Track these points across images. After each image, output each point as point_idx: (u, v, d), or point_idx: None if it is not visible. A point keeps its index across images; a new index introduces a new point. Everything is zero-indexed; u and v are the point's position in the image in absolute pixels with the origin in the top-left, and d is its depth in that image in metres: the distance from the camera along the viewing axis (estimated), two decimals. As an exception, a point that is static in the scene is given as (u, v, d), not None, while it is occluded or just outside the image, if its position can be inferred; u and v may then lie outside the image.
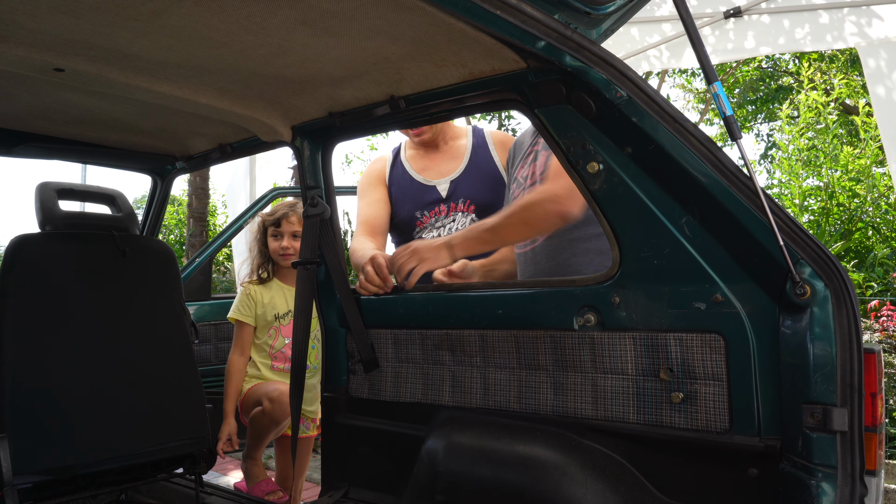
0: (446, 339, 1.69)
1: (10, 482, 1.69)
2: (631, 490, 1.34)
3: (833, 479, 1.09)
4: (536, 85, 1.41)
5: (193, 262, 3.66)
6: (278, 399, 2.51)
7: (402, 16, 1.22)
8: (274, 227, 2.70)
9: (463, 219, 2.27)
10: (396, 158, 2.43)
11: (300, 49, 1.39)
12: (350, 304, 1.85)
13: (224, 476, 3.70)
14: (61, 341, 1.91)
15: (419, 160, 2.39)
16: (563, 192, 1.66)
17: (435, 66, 1.46)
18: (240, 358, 2.67)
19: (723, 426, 1.27)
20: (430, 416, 1.70)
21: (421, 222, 2.32)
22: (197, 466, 2.15)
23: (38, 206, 2.04)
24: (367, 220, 2.32)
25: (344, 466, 1.91)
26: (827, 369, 1.10)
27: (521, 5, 1.15)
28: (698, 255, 1.25)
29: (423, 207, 2.31)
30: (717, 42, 4.19)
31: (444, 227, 2.28)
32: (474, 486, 1.48)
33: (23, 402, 1.80)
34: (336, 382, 1.94)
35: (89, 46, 1.36)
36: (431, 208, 2.30)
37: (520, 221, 1.74)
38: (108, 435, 1.92)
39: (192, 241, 7.39)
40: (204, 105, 1.72)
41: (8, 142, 2.11)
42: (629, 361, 1.39)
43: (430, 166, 2.35)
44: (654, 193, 1.29)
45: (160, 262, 2.20)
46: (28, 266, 1.89)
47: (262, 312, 2.70)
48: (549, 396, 1.51)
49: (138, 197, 17.40)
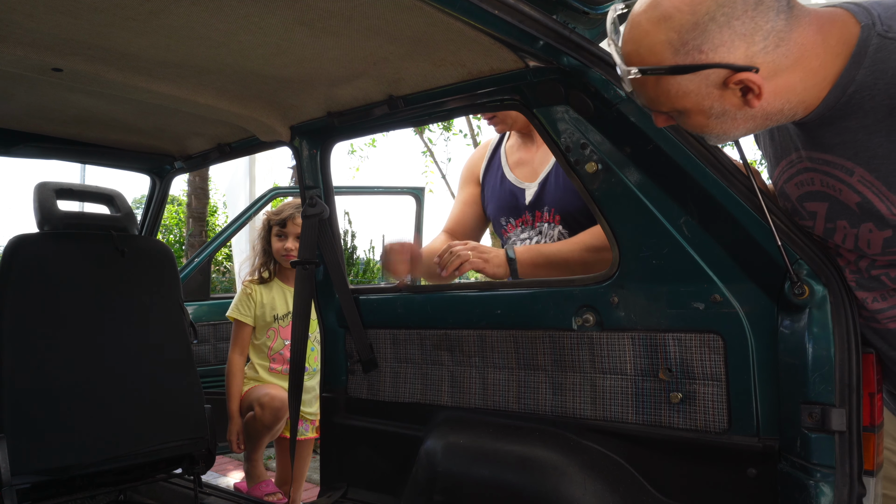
0: (445, 339, 1.69)
1: (9, 482, 1.69)
2: (629, 490, 1.34)
3: (831, 479, 1.09)
4: (535, 85, 1.41)
5: (192, 261, 3.66)
6: (269, 404, 2.51)
7: (401, 15, 1.22)
8: (279, 228, 2.70)
9: (550, 231, 1.87)
10: (497, 149, 2.05)
11: (298, 49, 1.38)
12: (349, 304, 1.85)
13: (223, 476, 3.70)
14: (59, 341, 1.90)
15: (516, 152, 1.99)
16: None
17: (433, 65, 1.46)
18: (240, 357, 2.68)
19: (721, 426, 1.27)
20: (429, 417, 1.70)
21: (506, 230, 1.98)
22: (195, 467, 2.15)
23: (36, 205, 2.04)
24: (448, 222, 2.09)
25: (343, 467, 1.91)
26: (825, 369, 1.10)
27: (520, 5, 1.15)
28: (697, 255, 1.25)
29: (510, 214, 1.95)
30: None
31: (531, 241, 1.91)
32: (473, 486, 1.48)
33: (21, 403, 1.80)
34: (335, 383, 1.94)
35: (87, 46, 1.36)
36: (518, 216, 1.93)
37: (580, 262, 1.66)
38: (107, 435, 1.92)
39: (192, 240, 7.39)
40: (202, 105, 1.71)
41: (6, 141, 2.11)
42: (628, 361, 1.39)
43: (525, 161, 1.95)
44: (653, 193, 1.29)
45: (159, 262, 2.20)
46: (26, 266, 1.89)
47: (261, 313, 2.70)
48: (548, 396, 1.51)
49: (137, 197, 17.40)
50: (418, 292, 1.78)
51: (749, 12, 0.91)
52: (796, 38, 0.95)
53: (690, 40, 0.92)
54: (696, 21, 0.91)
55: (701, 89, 0.96)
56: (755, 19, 0.91)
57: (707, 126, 1.02)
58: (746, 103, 0.96)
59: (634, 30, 0.97)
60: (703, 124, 1.01)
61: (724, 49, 0.92)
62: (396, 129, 1.90)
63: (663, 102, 1.00)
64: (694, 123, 1.02)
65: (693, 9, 0.91)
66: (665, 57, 0.94)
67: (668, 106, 1.01)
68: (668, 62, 0.94)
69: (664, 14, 0.93)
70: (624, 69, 0.99)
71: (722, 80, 0.94)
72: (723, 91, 0.96)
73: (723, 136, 1.04)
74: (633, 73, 0.97)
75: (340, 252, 1.93)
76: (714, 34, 0.92)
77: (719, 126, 1.01)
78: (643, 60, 0.97)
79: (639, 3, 0.98)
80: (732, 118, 0.99)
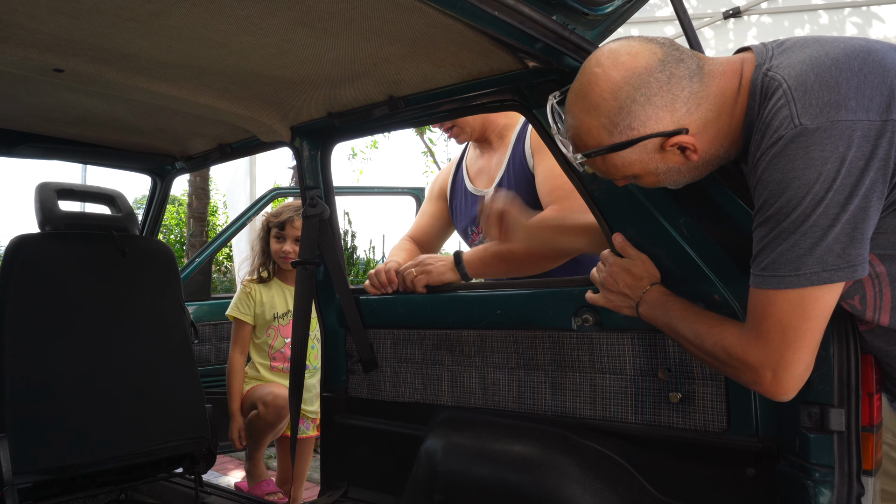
0: (445, 339, 1.69)
1: (10, 482, 1.70)
2: (629, 490, 1.34)
3: (830, 478, 1.09)
4: (535, 85, 1.41)
5: (193, 261, 3.66)
6: (273, 402, 2.52)
7: (401, 17, 1.22)
8: (277, 230, 2.70)
9: None
10: (460, 163, 2.10)
11: (299, 50, 1.39)
12: (349, 304, 1.86)
13: (224, 476, 3.70)
14: (60, 341, 1.91)
15: (475, 162, 2.04)
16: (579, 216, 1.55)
17: (433, 66, 1.46)
18: (240, 356, 2.68)
19: (720, 426, 1.27)
20: (429, 416, 1.71)
21: (472, 239, 2.00)
22: (196, 466, 2.16)
23: (37, 206, 2.05)
24: (413, 229, 2.16)
25: (343, 466, 1.91)
26: (824, 369, 1.10)
27: (519, 6, 1.15)
28: (696, 255, 1.26)
29: (473, 222, 1.97)
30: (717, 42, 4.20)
31: None
32: (473, 485, 1.48)
33: (22, 402, 1.80)
34: (335, 382, 1.95)
35: (89, 47, 1.36)
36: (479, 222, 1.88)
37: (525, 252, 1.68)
38: (108, 435, 1.93)
39: (192, 240, 7.39)
40: (203, 105, 1.72)
41: (8, 142, 2.11)
42: (627, 361, 1.39)
43: (484, 170, 1.99)
44: (653, 194, 1.29)
45: (160, 262, 2.20)
46: (28, 266, 1.89)
47: (260, 312, 2.71)
48: (548, 396, 1.51)
49: (138, 197, 17.40)
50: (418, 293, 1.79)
51: (664, 87, 1.02)
52: (714, 92, 1.05)
53: (620, 121, 1.04)
54: (619, 105, 1.03)
55: (643, 157, 1.07)
56: (671, 91, 1.03)
57: (659, 181, 1.13)
58: (687, 158, 1.07)
59: (572, 120, 1.11)
60: (655, 181, 1.13)
61: (652, 122, 1.03)
62: (397, 129, 1.90)
63: (615, 174, 1.13)
64: (648, 182, 1.14)
65: (615, 96, 1.03)
66: (603, 139, 1.07)
67: (620, 175, 1.13)
68: (606, 143, 1.07)
69: (592, 104, 1.06)
70: (570, 156, 1.13)
71: (659, 146, 1.06)
72: (663, 154, 1.07)
73: (677, 184, 1.15)
74: (581, 158, 1.11)
75: (341, 252, 1.94)
76: (639, 112, 1.03)
77: (669, 178, 1.12)
78: (586, 145, 1.10)
79: (570, 96, 1.11)
80: (678, 171, 1.10)
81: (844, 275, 0.94)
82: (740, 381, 1.08)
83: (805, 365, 0.99)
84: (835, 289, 0.96)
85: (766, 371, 1.00)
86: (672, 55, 1.04)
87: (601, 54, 1.07)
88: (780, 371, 0.99)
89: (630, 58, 1.04)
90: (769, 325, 0.99)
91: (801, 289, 0.95)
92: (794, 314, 0.97)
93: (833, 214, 0.92)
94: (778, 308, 0.98)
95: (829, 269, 0.93)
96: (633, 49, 1.05)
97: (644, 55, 1.04)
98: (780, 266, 0.96)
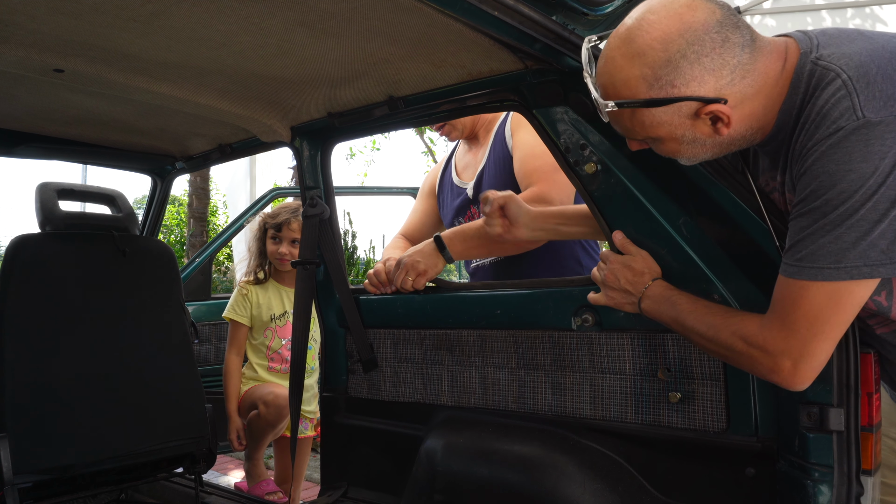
0: (445, 339, 1.69)
1: (11, 481, 1.70)
2: (629, 489, 1.34)
3: (829, 478, 1.09)
4: (534, 86, 1.41)
5: (193, 261, 3.67)
6: (273, 402, 2.52)
7: (401, 17, 1.22)
8: (274, 231, 2.70)
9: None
10: (449, 160, 2.18)
11: (299, 50, 1.39)
12: (349, 304, 1.86)
13: (224, 476, 3.71)
14: (61, 341, 1.91)
15: (462, 157, 2.13)
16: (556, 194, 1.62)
17: (433, 66, 1.46)
18: (236, 358, 2.69)
19: (720, 426, 1.27)
20: (429, 416, 1.71)
21: None
22: (197, 466, 2.16)
23: (38, 206, 2.05)
24: (406, 226, 2.20)
25: (343, 466, 1.91)
26: (823, 369, 1.10)
27: (519, 6, 1.16)
28: (696, 255, 1.26)
29: (459, 214, 2.06)
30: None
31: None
32: (473, 485, 1.49)
33: (23, 402, 1.80)
34: (335, 382, 1.95)
35: (89, 47, 1.36)
36: (464, 213, 2.04)
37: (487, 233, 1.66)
38: (108, 434, 1.93)
39: (193, 241, 7.40)
40: (203, 105, 1.72)
41: (8, 142, 2.11)
42: (627, 361, 1.39)
43: (469, 164, 2.08)
44: (652, 194, 1.29)
45: (160, 263, 2.21)
46: (28, 266, 1.90)
47: (257, 313, 2.71)
48: (548, 396, 1.51)
49: (139, 197, 17.41)
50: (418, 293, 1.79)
51: (717, 49, 0.97)
52: (759, 69, 1.00)
53: (664, 76, 0.98)
54: (668, 58, 0.97)
55: (674, 120, 1.02)
56: (723, 55, 0.97)
57: (679, 151, 1.08)
58: (716, 132, 1.03)
59: (609, 64, 1.03)
60: (675, 150, 1.08)
61: (696, 83, 0.98)
62: (397, 129, 1.90)
63: (638, 132, 1.07)
64: (667, 149, 1.08)
65: (665, 46, 0.97)
66: (640, 91, 1.00)
67: (642, 135, 1.07)
68: (642, 96, 1.00)
69: (638, 51, 0.99)
70: (601, 102, 1.04)
71: (694, 111, 1.00)
72: (694, 121, 1.02)
73: (692, 159, 1.10)
74: (611, 107, 1.03)
75: (341, 252, 1.94)
76: (685, 70, 0.97)
77: (690, 151, 1.07)
78: (619, 94, 1.02)
79: (612, 39, 1.04)
80: (702, 144, 1.06)
81: (886, 271, 0.92)
82: (754, 371, 1.07)
83: (825, 356, 0.99)
84: (871, 284, 0.95)
85: (785, 360, 1.00)
86: (730, 19, 0.99)
87: (654, 1, 1.01)
88: (801, 361, 0.99)
89: (689, 10, 0.98)
90: (798, 315, 0.98)
91: (838, 282, 0.94)
92: (825, 306, 0.95)
93: (883, 210, 0.90)
94: (810, 299, 0.96)
95: (871, 264, 0.92)
96: (693, 2, 0.98)
97: (703, 10, 0.98)
98: (819, 258, 0.94)
